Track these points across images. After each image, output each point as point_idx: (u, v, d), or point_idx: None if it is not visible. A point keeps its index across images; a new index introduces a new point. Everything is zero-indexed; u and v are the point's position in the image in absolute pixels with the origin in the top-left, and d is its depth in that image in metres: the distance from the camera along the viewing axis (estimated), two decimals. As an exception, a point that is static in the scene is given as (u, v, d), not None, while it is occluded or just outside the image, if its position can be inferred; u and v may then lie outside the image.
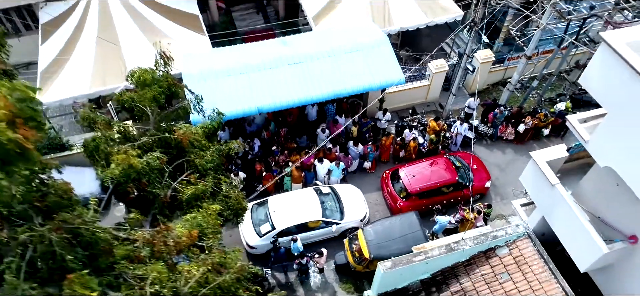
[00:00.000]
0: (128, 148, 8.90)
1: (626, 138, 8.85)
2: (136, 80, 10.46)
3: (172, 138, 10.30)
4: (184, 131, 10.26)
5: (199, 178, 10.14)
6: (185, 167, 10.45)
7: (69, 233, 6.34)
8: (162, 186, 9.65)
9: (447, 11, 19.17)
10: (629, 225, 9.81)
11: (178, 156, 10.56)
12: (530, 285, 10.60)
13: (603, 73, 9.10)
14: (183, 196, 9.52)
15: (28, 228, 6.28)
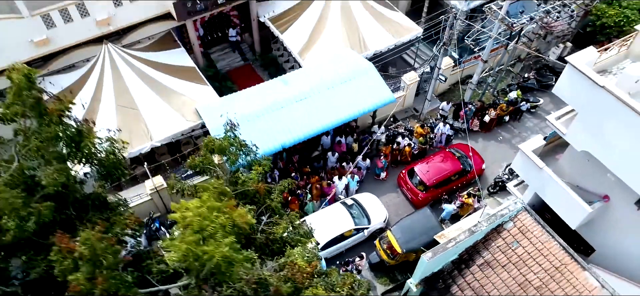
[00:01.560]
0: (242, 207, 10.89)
1: (593, 129, 12.28)
2: (217, 149, 12.34)
3: (252, 190, 12.35)
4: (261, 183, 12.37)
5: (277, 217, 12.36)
6: (263, 210, 12.56)
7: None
8: (256, 230, 11.75)
9: (409, 31, 22.29)
10: (600, 188, 13.36)
11: (252, 202, 12.65)
12: (536, 247, 13.89)
13: (571, 85, 12.48)
14: (277, 235, 11.67)
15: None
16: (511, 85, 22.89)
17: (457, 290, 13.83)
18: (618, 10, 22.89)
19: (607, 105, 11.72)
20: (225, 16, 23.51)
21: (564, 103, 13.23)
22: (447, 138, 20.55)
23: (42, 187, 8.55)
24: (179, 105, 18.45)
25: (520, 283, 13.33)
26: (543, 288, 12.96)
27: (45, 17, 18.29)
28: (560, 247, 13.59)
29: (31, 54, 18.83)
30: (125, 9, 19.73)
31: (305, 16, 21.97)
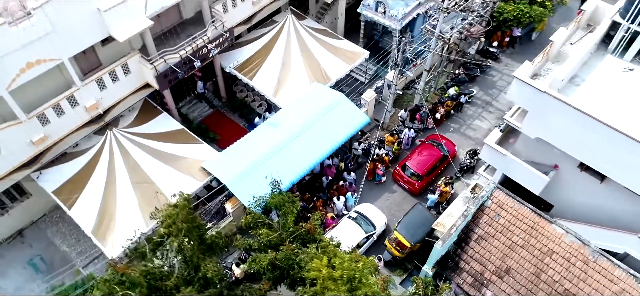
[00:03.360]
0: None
1: (541, 121, 16.59)
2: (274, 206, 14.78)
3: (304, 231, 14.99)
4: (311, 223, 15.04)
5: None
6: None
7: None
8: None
9: (358, 55, 25.66)
10: (550, 160, 17.84)
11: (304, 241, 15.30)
12: (512, 215, 18.01)
13: (519, 92, 16.68)
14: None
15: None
16: (448, 83, 27.32)
17: (464, 264, 17.60)
18: (514, 6, 28.24)
19: (548, 103, 16.07)
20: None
21: (491, 88, 17.52)
22: (412, 139, 24.42)
23: (205, 278, 10.71)
24: (186, 168, 20.19)
25: (509, 245, 17.39)
26: (527, 245, 17.12)
27: (40, 116, 19.05)
28: (530, 211, 17.86)
29: (30, 153, 19.46)
30: (110, 90, 20.90)
31: (270, 60, 24.45)
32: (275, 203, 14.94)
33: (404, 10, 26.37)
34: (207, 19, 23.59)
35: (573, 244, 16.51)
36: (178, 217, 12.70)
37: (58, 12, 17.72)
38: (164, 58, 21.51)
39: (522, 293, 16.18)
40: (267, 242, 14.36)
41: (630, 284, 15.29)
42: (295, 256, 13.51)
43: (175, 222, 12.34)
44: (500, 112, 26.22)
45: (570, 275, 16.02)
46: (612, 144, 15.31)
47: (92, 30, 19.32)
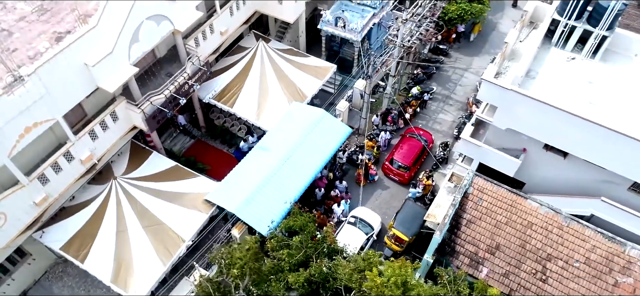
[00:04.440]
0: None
1: (509, 113, 19.20)
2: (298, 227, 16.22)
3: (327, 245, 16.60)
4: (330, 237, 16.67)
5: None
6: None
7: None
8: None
9: (327, 70, 27.42)
10: (519, 145, 20.56)
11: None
12: (492, 197, 20.55)
13: (489, 92, 19.17)
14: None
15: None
16: (409, 83, 29.75)
17: (459, 247, 19.94)
18: (456, 5, 31.16)
19: (514, 98, 18.66)
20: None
21: (447, 82, 20.13)
22: (388, 141, 26.60)
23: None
24: (190, 202, 21.05)
25: (494, 224, 19.91)
26: (509, 222, 19.68)
27: (40, 177, 19.23)
28: (507, 191, 20.48)
29: (34, 215, 19.58)
30: (101, 139, 21.29)
31: (247, 86, 25.62)
32: (299, 225, 16.40)
33: (361, 22, 28.41)
34: (183, 55, 24.37)
35: (548, 214, 19.29)
36: (249, 259, 14.03)
37: (50, 73, 18.06)
38: (149, 100, 22.14)
39: (513, 265, 18.74)
40: (296, 261, 15.83)
41: (599, 240, 18.26)
42: (328, 269, 15.10)
43: (247, 263, 13.59)
44: (460, 103, 29.09)
45: (550, 241, 18.77)
46: (569, 125, 18.12)
47: (82, 86, 19.75)
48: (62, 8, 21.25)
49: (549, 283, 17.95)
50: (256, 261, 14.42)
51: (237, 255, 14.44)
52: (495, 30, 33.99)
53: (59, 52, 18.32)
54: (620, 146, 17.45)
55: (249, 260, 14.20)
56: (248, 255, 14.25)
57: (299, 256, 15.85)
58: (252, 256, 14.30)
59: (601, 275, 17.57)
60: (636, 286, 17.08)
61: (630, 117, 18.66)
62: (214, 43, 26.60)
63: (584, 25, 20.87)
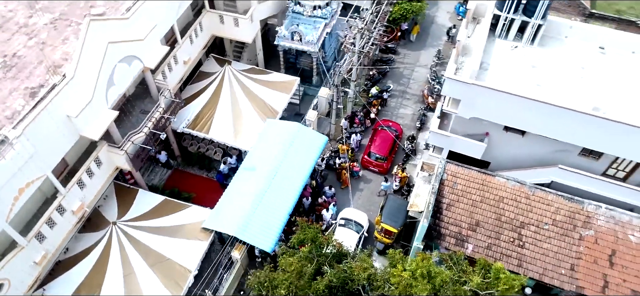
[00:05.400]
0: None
1: (472, 104, 21.56)
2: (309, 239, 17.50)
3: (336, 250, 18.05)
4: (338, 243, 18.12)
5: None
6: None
7: None
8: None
9: (292, 83, 28.69)
10: (481, 130, 23.06)
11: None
12: (465, 180, 22.91)
13: (451, 87, 21.43)
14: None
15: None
16: (367, 84, 31.71)
17: (443, 230, 22.08)
18: (398, 6, 33.49)
19: (475, 90, 21.04)
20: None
21: (401, 78, 22.63)
22: (359, 142, 28.42)
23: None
24: (189, 233, 21.64)
25: (471, 204, 22.25)
26: (484, 199, 22.06)
27: (37, 235, 19.12)
28: (477, 172, 22.91)
29: (35, 274, 19.44)
30: (89, 187, 21.35)
31: (220, 110, 26.34)
32: (311, 237, 17.69)
33: (316, 34, 29.91)
34: (153, 91, 24.73)
35: (515, 187, 21.91)
36: (294, 278, 15.14)
37: (36, 131, 18.08)
38: (130, 140, 22.41)
39: (493, 237, 21.17)
40: (313, 270, 17.16)
41: (561, 202, 21.08)
42: (344, 273, 16.59)
43: (292, 282, 14.66)
44: (416, 96, 31.47)
45: (520, 210, 21.37)
46: (524, 108, 20.74)
47: (67, 138, 19.86)
48: (28, 62, 20.99)
49: (526, 247, 20.53)
50: (299, 278, 15.56)
51: (281, 276, 15.53)
52: (434, 24, 36.79)
53: (42, 109, 18.33)
54: (567, 119, 20.28)
55: (294, 278, 15.33)
56: (293, 274, 15.36)
57: (314, 266, 17.16)
58: (296, 274, 15.43)
59: (568, 232, 20.38)
60: (597, 236, 20.04)
61: (570, 91, 21.64)
62: (179, 73, 27.10)
63: (521, 17, 23.68)
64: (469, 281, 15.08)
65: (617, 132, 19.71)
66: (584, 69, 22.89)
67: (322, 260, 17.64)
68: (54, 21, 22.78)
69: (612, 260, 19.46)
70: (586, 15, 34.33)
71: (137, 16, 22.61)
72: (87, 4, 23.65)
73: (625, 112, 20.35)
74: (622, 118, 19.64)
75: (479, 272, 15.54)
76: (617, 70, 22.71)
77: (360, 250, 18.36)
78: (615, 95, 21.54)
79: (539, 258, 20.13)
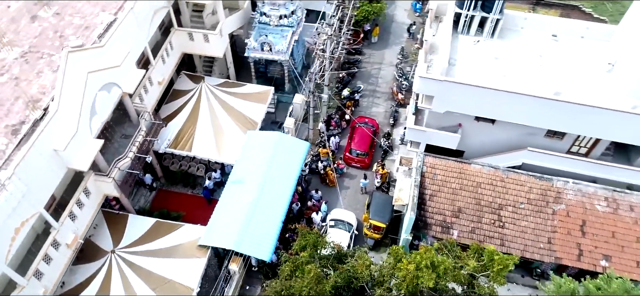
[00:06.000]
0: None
1: (444, 98, 23.01)
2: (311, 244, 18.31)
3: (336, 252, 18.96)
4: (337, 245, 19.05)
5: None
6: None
7: None
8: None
9: (267, 93, 29.30)
10: (454, 122, 24.58)
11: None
12: (443, 170, 24.34)
13: (423, 85, 22.80)
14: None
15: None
16: (338, 87, 32.75)
17: (429, 219, 23.44)
18: (361, 8, 34.71)
19: (446, 86, 22.49)
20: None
21: (369, 78, 24.89)
22: (338, 143, 29.46)
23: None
24: (186, 252, 21.92)
25: (451, 192, 23.72)
26: (463, 187, 23.57)
27: (36, 273, 18.99)
28: (453, 161, 24.42)
29: (37, 311, 19.25)
30: (80, 218, 21.29)
31: (200, 126, 26.64)
32: (313, 242, 18.49)
33: (285, 43, 30.64)
34: (133, 115, 24.80)
35: (490, 172, 23.56)
36: (313, 283, 16.00)
37: (26, 170, 17.99)
38: (117, 166, 22.46)
39: (475, 221, 22.71)
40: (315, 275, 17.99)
41: (533, 181, 22.88)
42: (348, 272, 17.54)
43: (312, 288, 15.39)
44: (386, 94, 32.80)
45: (497, 193, 23.02)
46: (493, 98, 22.38)
47: (56, 172, 19.80)
48: (4, 98, 20.67)
49: (506, 227, 22.19)
50: (318, 283, 16.30)
51: (299, 284, 16.24)
52: (394, 22, 38.30)
53: (30, 146, 18.22)
54: (533, 105, 22.07)
55: (314, 284, 16.06)
56: (312, 281, 16.08)
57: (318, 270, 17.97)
58: (315, 280, 16.16)
59: (542, 209, 22.19)
60: (568, 209, 21.95)
61: (532, 78, 23.47)
62: (155, 94, 27.20)
63: (481, 13, 25.37)
64: (466, 266, 16.36)
65: (577, 113, 21.66)
66: (542, 56, 24.83)
67: (324, 263, 18.49)
68: (24, 54, 22.43)
69: (584, 230, 21.40)
70: (534, 3, 36.81)
71: (112, 43, 22.62)
72: (56, 34, 23.43)
73: (581, 93, 22.36)
74: (580, 99, 21.60)
75: (473, 256, 16.85)
76: (570, 54, 24.79)
77: (357, 248, 19.15)
78: (571, 78, 23.54)
79: (518, 235, 21.82)
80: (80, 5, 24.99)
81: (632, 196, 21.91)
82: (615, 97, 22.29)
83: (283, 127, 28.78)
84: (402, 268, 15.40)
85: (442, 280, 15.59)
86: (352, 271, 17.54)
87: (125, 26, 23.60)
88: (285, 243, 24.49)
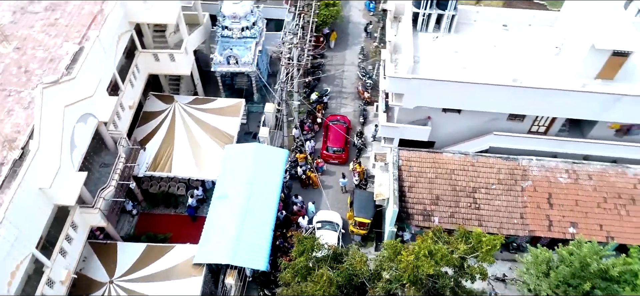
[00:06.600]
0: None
1: (414, 94, 24.43)
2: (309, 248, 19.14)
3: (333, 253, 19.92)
4: (333, 246, 20.00)
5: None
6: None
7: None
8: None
9: (239, 105, 29.72)
10: (423, 115, 26.07)
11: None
12: (418, 162, 25.79)
13: (392, 84, 24.12)
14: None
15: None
16: (306, 92, 33.62)
17: (410, 210, 24.78)
18: (320, 13, 35.73)
19: (414, 83, 23.90)
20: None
21: (334, 80, 28.03)
22: (313, 147, 30.36)
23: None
24: (182, 272, 22.19)
25: (428, 182, 25.16)
26: (438, 176, 25.06)
27: (33, 309, 18.84)
28: (426, 152, 25.91)
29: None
30: (70, 253, 21.17)
31: (178, 146, 26.79)
32: (310, 246, 19.33)
33: (251, 54, 31.21)
34: (109, 143, 24.74)
35: (461, 158, 25.21)
36: (327, 287, 16.86)
37: (16, 212, 17.85)
38: (101, 196, 22.41)
39: (453, 206, 24.28)
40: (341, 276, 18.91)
41: (501, 163, 24.70)
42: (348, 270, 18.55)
43: (325, 291, 16.21)
44: (352, 94, 34.00)
45: (469, 177, 24.70)
46: (458, 90, 24.00)
47: (43, 210, 19.69)
48: (-22, 142, 20.19)
49: (482, 208, 23.89)
50: (330, 285, 17.12)
51: (314, 288, 17.00)
52: (350, 23, 39.61)
53: (17, 188, 18.04)
54: (494, 93, 23.87)
55: (327, 287, 16.86)
56: (325, 284, 16.87)
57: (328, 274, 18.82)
58: (327, 283, 16.97)
59: (511, 187, 24.07)
60: (535, 185, 23.93)
61: (490, 67, 25.27)
62: (128, 119, 27.10)
63: (437, 11, 26.96)
64: (456, 250, 17.75)
65: (534, 96, 23.63)
66: (496, 46, 26.75)
67: (322, 265, 19.39)
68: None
69: (551, 202, 23.44)
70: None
71: (82, 73, 22.48)
72: (20, 70, 23.02)
73: (535, 77, 24.37)
74: (535, 83, 23.61)
75: (461, 240, 18.28)
76: (521, 42, 26.84)
77: (350, 247, 20.18)
78: (524, 64, 25.53)
79: (494, 214, 23.57)
80: (40, 37, 24.62)
81: (589, 166, 24.18)
82: (565, 78, 24.44)
83: (258, 137, 29.36)
84: (402, 260, 16.55)
85: (438, 266, 16.87)
86: (351, 269, 18.54)
87: (93, 55, 23.47)
88: (275, 251, 25.16)
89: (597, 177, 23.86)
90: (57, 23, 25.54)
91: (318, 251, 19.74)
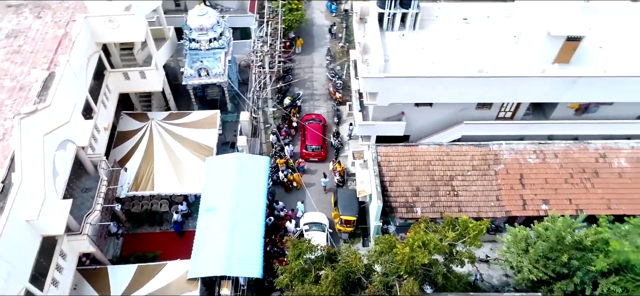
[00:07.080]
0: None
1: (387, 93, 25.43)
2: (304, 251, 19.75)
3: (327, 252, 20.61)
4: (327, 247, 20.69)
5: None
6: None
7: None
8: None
9: (214, 117, 29.86)
10: (396, 111, 27.12)
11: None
12: (397, 154, 26.84)
13: (366, 84, 25.05)
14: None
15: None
16: (278, 96, 34.10)
17: (393, 203, 25.71)
18: (285, 18, 36.25)
19: (387, 81, 24.90)
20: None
21: (304, 83, 28.84)
22: (292, 151, 30.91)
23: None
24: (177, 289, 22.29)
25: (407, 174, 26.18)
26: (415, 168, 26.10)
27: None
28: (403, 146, 26.96)
29: None
30: (62, 283, 20.93)
31: (158, 163, 26.68)
32: (307, 249, 19.93)
33: (221, 65, 31.37)
34: (89, 167, 24.48)
35: (436, 149, 26.41)
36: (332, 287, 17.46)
37: (7, 247, 17.62)
38: (88, 222, 22.23)
39: (433, 195, 25.45)
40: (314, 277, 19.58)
41: (473, 150, 26.06)
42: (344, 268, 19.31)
43: (331, 291, 16.82)
44: (324, 95, 34.74)
45: (446, 167, 25.93)
46: (429, 85, 25.20)
47: (32, 242, 19.47)
48: (-45, 178, 19.70)
49: (460, 195, 25.17)
50: (335, 285, 17.73)
51: (317, 289, 17.54)
52: (314, 25, 40.30)
53: (5, 222, 17.76)
54: (462, 84, 25.19)
55: (332, 287, 17.46)
56: (330, 285, 17.46)
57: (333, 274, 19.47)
58: (333, 284, 17.57)
59: (485, 172, 25.48)
60: (507, 167, 25.42)
61: (456, 60, 26.57)
62: (104, 140, 26.80)
63: (401, 10, 28.05)
64: (445, 238, 18.84)
65: (499, 84, 25.13)
66: (459, 39, 28.11)
67: (318, 266, 20.08)
68: (-39, 128, 21.35)
69: (523, 182, 25.00)
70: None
71: (56, 99, 22.15)
72: (-10, 101, 22.48)
73: (498, 66, 25.85)
74: (499, 72, 25.10)
75: (448, 228, 19.40)
76: (482, 34, 28.33)
77: (342, 245, 20.95)
78: (486, 54, 26.98)
79: (471, 199, 24.91)
80: (6, 66, 24.16)
81: (554, 145, 25.93)
82: (526, 64, 26.07)
83: (236, 147, 29.60)
84: (398, 253, 17.45)
85: (431, 255, 17.88)
86: (347, 266, 19.30)
87: (65, 80, 23.13)
88: (267, 257, 25.58)
89: (562, 154, 25.61)
90: (21, 50, 25.06)
91: (312, 253, 20.36)
